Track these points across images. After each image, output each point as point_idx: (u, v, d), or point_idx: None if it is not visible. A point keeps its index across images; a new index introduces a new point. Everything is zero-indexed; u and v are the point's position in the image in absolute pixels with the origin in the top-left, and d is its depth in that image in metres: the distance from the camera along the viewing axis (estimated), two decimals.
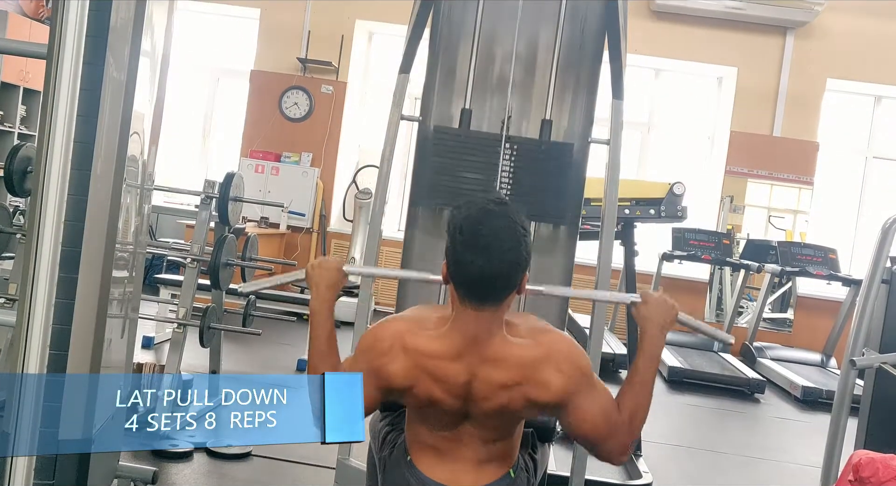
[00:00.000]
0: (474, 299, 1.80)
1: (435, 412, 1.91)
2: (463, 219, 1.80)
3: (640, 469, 4.16)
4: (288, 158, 8.77)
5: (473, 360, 1.83)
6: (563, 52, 2.82)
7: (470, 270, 1.76)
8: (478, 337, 1.82)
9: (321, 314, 2.00)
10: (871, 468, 2.40)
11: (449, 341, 1.84)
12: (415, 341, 1.86)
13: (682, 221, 5.18)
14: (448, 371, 1.83)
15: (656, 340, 1.94)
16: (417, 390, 1.87)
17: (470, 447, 1.93)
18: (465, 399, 1.85)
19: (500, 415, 1.88)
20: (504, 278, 1.78)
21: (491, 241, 1.75)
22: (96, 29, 2.04)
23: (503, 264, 1.76)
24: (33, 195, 2.04)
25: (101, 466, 2.36)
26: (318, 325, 1.99)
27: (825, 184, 8.76)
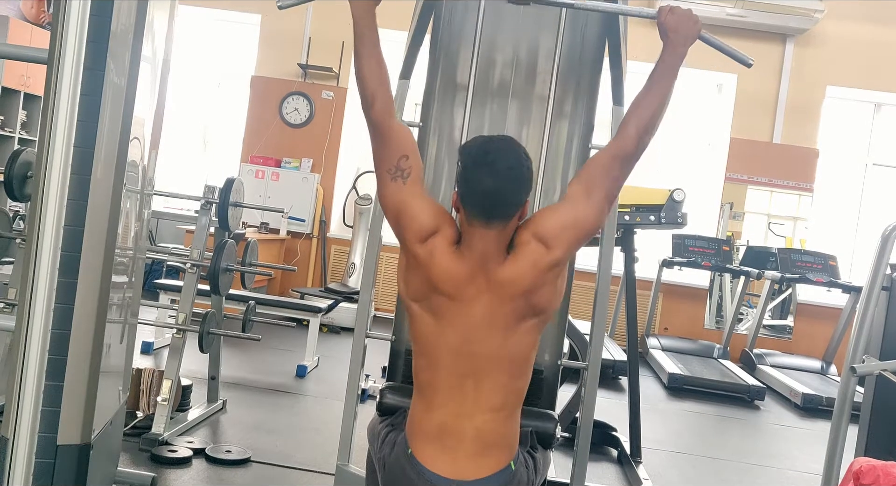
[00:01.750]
0: (482, 217, 1.91)
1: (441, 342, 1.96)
2: (472, 144, 1.97)
3: (640, 476, 4.16)
4: (288, 163, 8.78)
5: (481, 281, 1.94)
6: (564, 58, 2.82)
7: (478, 186, 1.89)
8: (486, 255, 1.93)
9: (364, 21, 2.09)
10: (872, 476, 2.40)
11: (462, 261, 1.95)
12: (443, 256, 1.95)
13: (683, 227, 5.18)
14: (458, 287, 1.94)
15: (679, 49, 2.05)
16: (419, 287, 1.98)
17: (472, 421, 1.94)
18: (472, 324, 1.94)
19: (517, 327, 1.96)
20: (509, 193, 1.90)
21: (496, 158, 1.90)
22: (97, 34, 2.04)
23: (508, 180, 1.89)
24: (33, 200, 2.04)
25: (99, 471, 2.35)
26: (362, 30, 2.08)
27: (825, 191, 8.77)
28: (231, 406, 4.64)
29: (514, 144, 1.97)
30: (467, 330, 1.94)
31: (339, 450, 2.86)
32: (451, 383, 1.96)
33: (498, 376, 1.96)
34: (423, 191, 2.04)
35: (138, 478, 2.90)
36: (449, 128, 2.93)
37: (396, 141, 2.03)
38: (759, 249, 8.13)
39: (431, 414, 1.97)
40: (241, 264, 4.67)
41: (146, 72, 2.29)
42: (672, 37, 2.04)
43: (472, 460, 1.94)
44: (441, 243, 1.96)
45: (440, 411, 1.96)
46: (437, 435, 1.96)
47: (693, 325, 8.62)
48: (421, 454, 1.96)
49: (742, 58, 2.27)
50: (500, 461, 1.96)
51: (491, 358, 1.95)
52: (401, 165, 2.01)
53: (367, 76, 2.05)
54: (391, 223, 2.06)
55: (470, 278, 1.94)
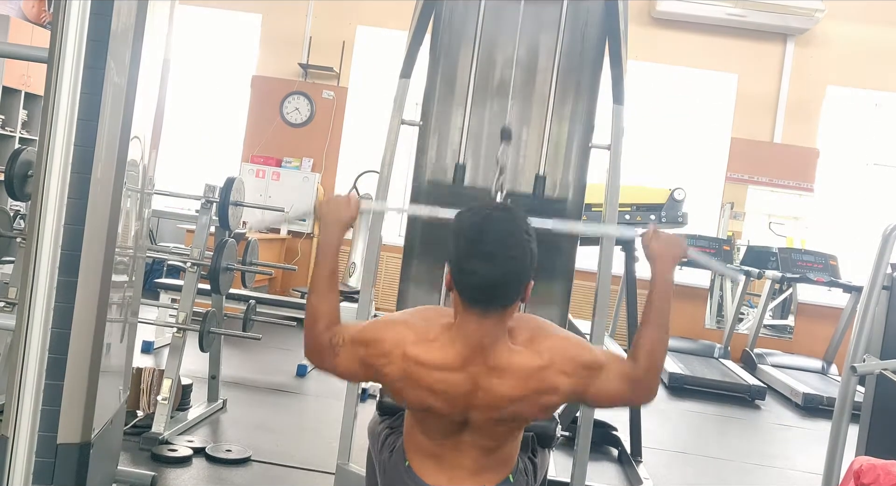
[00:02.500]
0: (479, 306, 1.78)
1: (433, 419, 1.90)
2: (467, 226, 1.80)
3: (641, 476, 4.16)
4: (289, 163, 8.77)
5: (478, 369, 1.82)
6: (564, 57, 2.82)
7: (474, 277, 1.76)
8: (482, 344, 1.81)
9: (328, 251, 2.01)
10: (872, 475, 2.40)
11: (452, 350, 1.83)
12: (416, 351, 1.84)
13: (683, 226, 5.19)
14: (449, 382, 1.82)
15: (667, 276, 1.94)
16: (409, 397, 1.88)
17: (469, 455, 1.92)
18: (466, 408, 1.85)
19: (505, 423, 1.89)
20: (509, 285, 1.77)
21: (495, 248, 1.75)
22: (97, 33, 2.04)
23: (508, 272, 1.75)
24: (33, 199, 2.04)
25: (99, 470, 2.35)
26: (322, 260, 2.00)
27: (825, 190, 8.76)
28: (231, 406, 4.64)
29: (515, 221, 1.81)
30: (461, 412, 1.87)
31: (340, 449, 2.87)
32: (444, 434, 1.93)
33: (496, 435, 1.93)
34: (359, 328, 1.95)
35: (138, 477, 2.90)
36: (449, 127, 2.93)
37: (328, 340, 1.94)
38: (760, 248, 8.12)
39: (427, 443, 1.95)
40: (241, 263, 4.67)
41: (146, 71, 2.28)
42: (658, 262, 1.95)
43: (470, 476, 1.93)
44: (409, 344, 1.85)
45: (435, 444, 1.94)
46: (434, 456, 1.95)
47: (694, 324, 8.61)
48: (418, 467, 1.96)
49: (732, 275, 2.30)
50: (499, 475, 1.95)
51: (486, 429, 1.90)
52: (333, 341, 1.93)
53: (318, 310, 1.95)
54: (369, 377, 1.97)
55: (463, 367, 1.82)
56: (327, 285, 1.97)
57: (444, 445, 1.93)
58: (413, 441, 1.98)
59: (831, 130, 8.77)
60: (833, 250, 7.79)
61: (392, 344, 1.87)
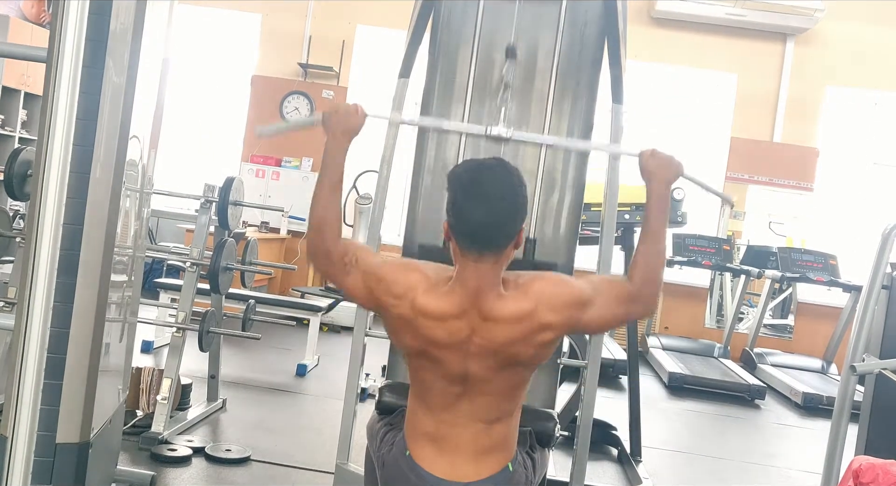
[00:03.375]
0: (475, 249, 1.86)
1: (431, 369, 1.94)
2: (462, 172, 1.91)
3: (640, 475, 4.16)
4: (288, 162, 8.78)
5: (473, 316, 1.88)
6: (563, 57, 2.82)
7: (470, 218, 1.84)
8: (478, 290, 1.87)
9: (333, 160, 2.08)
10: (872, 474, 2.40)
11: (452, 298, 1.89)
12: (425, 301, 1.90)
13: (682, 226, 5.18)
14: (449, 330, 1.89)
15: (663, 194, 2.02)
16: (408, 342, 1.95)
17: (468, 430, 1.94)
18: (463, 357, 1.90)
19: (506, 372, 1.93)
20: (502, 227, 1.85)
21: (489, 188, 1.85)
22: (96, 33, 2.04)
23: (501, 211, 1.84)
24: (32, 198, 2.04)
25: (98, 470, 2.35)
26: (328, 168, 2.07)
27: (825, 190, 8.77)
28: (231, 405, 4.65)
29: (508, 169, 1.90)
30: (461, 359, 1.91)
31: (339, 449, 2.87)
32: (446, 401, 1.96)
33: (492, 397, 1.95)
34: (376, 259, 2.01)
35: (138, 477, 2.90)
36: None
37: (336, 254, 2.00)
38: (760, 248, 8.12)
39: (428, 418, 1.98)
40: (241, 262, 4.67)
41: (145, 70, 2.28)
42: (654, 181, 2.01)
43: (471, 462, 1.94)
44: (419, 292, 1.91)
45: (436, 421, 1.96)
46: (435, 439, 1.96)
47: (693, 324, 8.62)
48: (419, 455, 1.97)
49: (726, 197, 2.33)
50: (498, 462, 1.96)
51: (484, 382, 1.93)
52: (345, 261, 1.99)
53: (319, 217, 2.02)
54: (371, 306, 2.02)
55: (461, 315, 1.88)
56: (333, 192, 2.04)
57: (444, 419, 1.95)
58: (413, 425, 2.00)
59: (831, 130, 8.78)
60: (833, 249, 7.79)
61: (405, 289, 1.92)
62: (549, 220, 2.96)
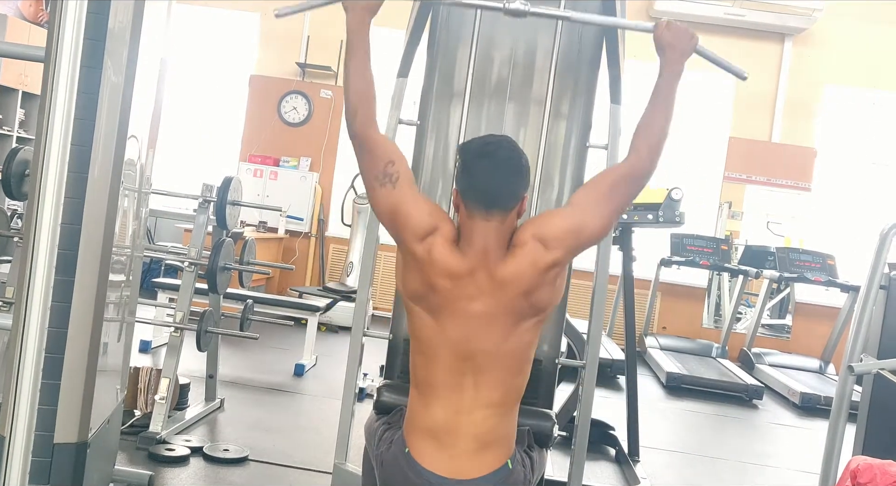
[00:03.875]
0: (483, 207, 1.93)
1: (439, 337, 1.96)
2: (472, 145, 2.01)
3: (638, 475, 4.16)
4: (286, 162, 8.78)
5: (482, 278, 1.94)
6: (562, 56, 2.82)
7: (479, 175, 1.94)
8: (486, 249, 1.94)
9: (358, 35, 2.11)
10: (869, 474, 2.40)
11: (463, 256, 1.95)
12: (441, 254, 1.95)
13: (680, 226, 5.18)
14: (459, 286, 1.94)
15: (676, 66, 2.07)
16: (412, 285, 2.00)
17: (471, 419, 1.94)
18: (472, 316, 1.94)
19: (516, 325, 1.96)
20: (509, 187, 1.94)
21: (495, 150, 1.96)
22: (94, 32, 2.03)
23: (508, 169, 1.94)
24: (30, 198, 2.04)
25: (96, 470, 2.35)
26: (353, 47, 2.09)
27: (823, 190, 8.77)
28: (229, 405, 4.64)
29: (511, 142, 2.01)
30: (466, 327, 1.95)
31: (337, 449, 2.86)
32: (450, 380, 1.97)
33: (496, 373, 1.96)
34: (414, 192, 2.04)
35: (136, 477, 2.90)
36: (446, 126, 2.93)
37: (380, 150, 2.04)
38: (758, 248, 8.13)
39: (429, 411, 1.98)
40: (238, 262, 4.67)
41: (144, 70, 2.28)
42: (669, 52, 2.07)
43: (470, 458, 1.94)
44: (439, 241, 1.96)
45: (438, 407, 1.96)
46: (435, 432, 1.96)
47: (691, 324, 8.63)
48: (418, 452, 1.97)
49: (737, 71, 2.30)
50: (497, 459, 1.97)
51: (490, 355, 1.95)
52: (387, 170, 2.01)
53: (353, 90, 2.07)
54: (387, 228, 2.06)
55: (470, 275, 1.94)
56: (362, 71, 2.08)
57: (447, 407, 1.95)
58: (413, 420, 2.00)
59: (829, 130, 8.79)
60: (831, 249, 7.80)
61: (427, 233, 1.97)
62: None
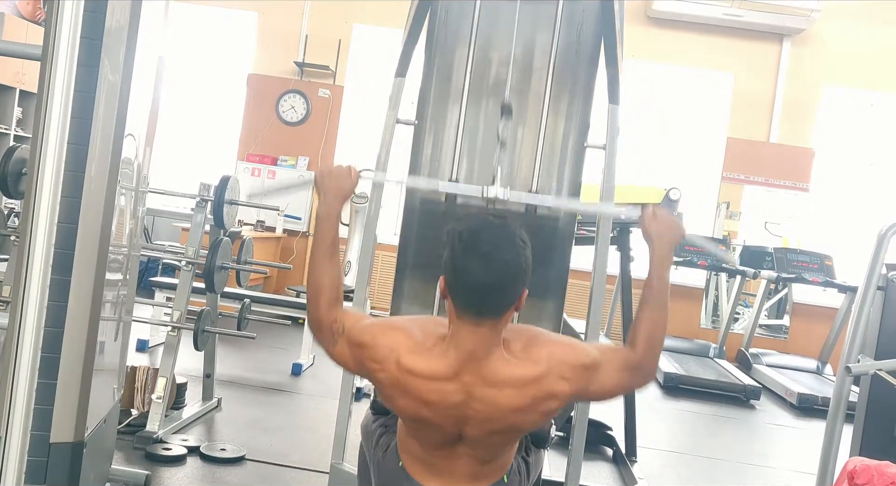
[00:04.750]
0: (473, 311, 1.75)
1: (426, 430, 1.89)
2: (462, 229, 1.78)
3: (636, 476, 4.15)
4: (284, 161, 8.76)
5: (472, 379, 1.79)
6: (560, 55, 2.81)
7: (469, 279, 1.73)
8: (476, 354, 1.78)
9: (327, 221, 1.99)
10: (867, 475, 2.40)
11: (445, 360, 1.80)
12: (410, 361, 1.81)
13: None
14: (442, 392, 1.79)
15: (666, 257, 1.93)
16: (400, 405, 1.86)
17: (463, 463, 1.91)
18: (460, 420, 1.82)
19: (503, 434, 1.87)
20: (503, 290, 1.75)
21: (490, 249, 1.73)
22: (91, 31, 2.03)
23: (503, 274, 1.73)
24: (26, 197, 2.03)
25: (93, 469, 2.35)
26: (322, 231, 1.99)
27: (821, 190, 8.77)
28: (226, 404, 4.64)
29: (511, 228, 1.80)
30: (455, 425, 1.85)
31: (334, 449, 2.86)
32: (438, 444, 1.92)
33: (488, 449, 1.92)
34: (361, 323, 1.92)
35: (132, 476, 2.90)
36: (444, 125, 2.92)
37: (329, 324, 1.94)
38: (756, 248, 8.12)
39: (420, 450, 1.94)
40: (236, 261, 4.66)
41: (141, 69, 2.28)
42: (657, 242, 1.93)
43: (465, 480, 1.93)
44: (404, 351, 1.82)
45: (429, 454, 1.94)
46: (427, 464, 1.94)
47: (689, 324, 8.62)
48: (412, 469, 1.96)
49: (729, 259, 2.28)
50: (493, 477, 1.95)
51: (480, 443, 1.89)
52: (333, 328, 1.93)
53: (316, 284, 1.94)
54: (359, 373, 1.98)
55: (455, 377, 1.79)
56: (328, 256, 1.96)
57: (438, 455, 1.92)
58: (406, 446, 1.98)
59: (827, 130, 8.79)
60: (828, 249, 7.80)
61: (387, 351, 1.83)
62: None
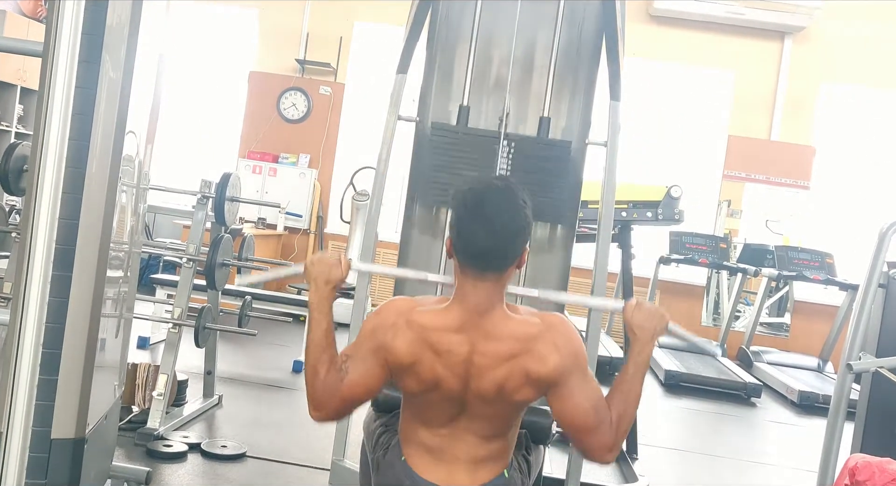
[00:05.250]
0: (477, 269, 1.85)
1: (433, 401, 1.91)
2: (467, 192, 1.88)
3: (636, 473, 4.16)
4: (286, 159, 8.76)
5: (475, 333, 1.86)
6: (561, 53, 2.82)
7: (473, 238, 1.83)
8: (479, 308, 1.86)
9: (320, 311, 1.97)
10: (868, 472, 2.40)
11: (451, 314, 1.88)
12: (419, 317, 1.89)
13: (679, 224, 5.19)
14: (451, 344, 1.86)
15: (646, 347, 1.94)
16: (421, 368, 1.88)
17: (465, 442, 1.93)
18: (466, 377, 1.86)
19: (498, 397, 1.88)
20: (505, 247, 1.85)
21: (493, 210, 1.83)
22: (92, 27, 2.03)
23: (505, 233, 1.83)
24: (27, 193, 2.03)
25: (94, 466, 2.35)
26: (315, 321, 1.96)
27: (822, 188, 8.77)
28: (227, 401, 4.64)
29: (513, 190, 1.87)
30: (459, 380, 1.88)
31: (334, 445, 2.87)
32: (442, 419, 1.94)
33: (490, 420, 1.93)
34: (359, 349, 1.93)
35: (133, 472, 2.89)
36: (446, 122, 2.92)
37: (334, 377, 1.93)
38: (757, 246, 8.12)
39: (423, 433, 1.96)
40: (237, 259, 4.66)
41: (142, 65, 2.27)
42: (639, 333, 1.93)
43: (466, 471, 1.94)
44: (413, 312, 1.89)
45: (431, 434, 1.95)
46: (431, 450, 1.95)
47: (690, 322, 8.62)
48: (414, 462, 1.96)
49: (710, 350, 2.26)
50: (493, 470, 1.96)
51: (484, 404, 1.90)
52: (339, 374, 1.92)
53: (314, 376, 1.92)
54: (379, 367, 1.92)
55: (460, 329, 1.86)
56: (324, 345, 1.93)
57: (441, 434, 1.93)
58: (409, 434, 1.99)
59: (828, 128, 8.78)
60: (829, 247, 7.80)
61: (394, 316, 1.91)
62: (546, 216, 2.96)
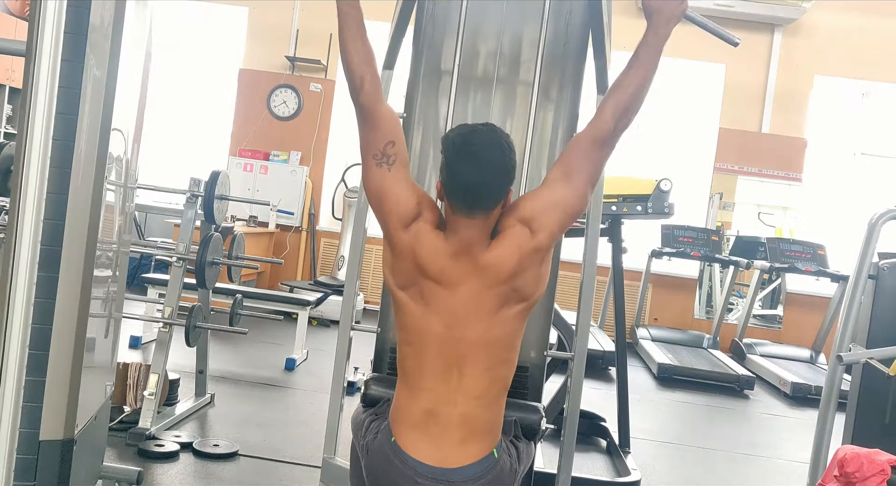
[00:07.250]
0: (465, 207, 1.93)
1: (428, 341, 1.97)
2: (455, 135, 1.97)
3: (629, 466, 4.16)
4: (276, 156, 8.75)
5: (467, 263, 1.96)
6: (548, 47, 2.81)
7: (461, 178, 1.91)
8: (469, 244, 1.95)
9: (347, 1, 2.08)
10: (856, 464, 2.40)
11: (448, 241, 1.97)
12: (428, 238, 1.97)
13: (669, 217, 5.18)
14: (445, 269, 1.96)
15: (662, 30, 2.03)
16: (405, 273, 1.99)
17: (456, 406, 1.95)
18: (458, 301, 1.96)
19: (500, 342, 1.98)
20: (491, 186, 1.92)
21: (479, 150, 1.92)
22: (76, 26, 2.01)
23: (490, 168, 1.92)
24: (12, 194, 2.02)
25: (84, 466, 2.34)
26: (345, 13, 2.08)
27: (814, 180, 8.79)
28: (219, 400, 4.63)
29: (498, 133, 1.97)
30: (452, 316, 1.96)
31: (325, 443, 2.86)
32: (436, 369, 1.98)
33: (482, 363, 1.97)
34: (407, 176, 2.05)
35: (124, 473, 2.88)
36: (433, 118, 2.92)
37: (384, 126, 2.04)
38: (749, 238, 8.14)
39: (416, 401, 1.99)
40: (227, 257, 4.65)
41: (127, 64, 2.26)
42: (656, 17, 2.02)
43: (456, 447, 1.95)
44: (425, 227, 1.98)
45: (424, 397, 1.98)
46: (421, 422, 1.97)
47: (683, 315, 8.64)
48: (404, 441, 1.97)
49: (728, 37, 2.26)
50: (483, 448, 1.98)
51: (475, 344, 1.96)
52: (387, 150, 2.02)
53: (353, 58, 2.05)
54: (374, 209, 2.06)
55: (455, 259, 1.95)
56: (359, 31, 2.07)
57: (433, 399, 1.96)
58: (399, 411, 2.01)
59: (819, 120, 8.80)
60: (821, 239, 7.83)
61: (413, 218, 1.99)
62: None
